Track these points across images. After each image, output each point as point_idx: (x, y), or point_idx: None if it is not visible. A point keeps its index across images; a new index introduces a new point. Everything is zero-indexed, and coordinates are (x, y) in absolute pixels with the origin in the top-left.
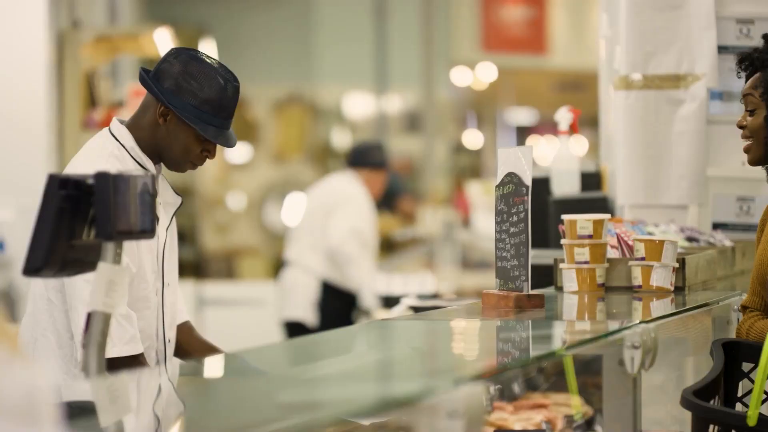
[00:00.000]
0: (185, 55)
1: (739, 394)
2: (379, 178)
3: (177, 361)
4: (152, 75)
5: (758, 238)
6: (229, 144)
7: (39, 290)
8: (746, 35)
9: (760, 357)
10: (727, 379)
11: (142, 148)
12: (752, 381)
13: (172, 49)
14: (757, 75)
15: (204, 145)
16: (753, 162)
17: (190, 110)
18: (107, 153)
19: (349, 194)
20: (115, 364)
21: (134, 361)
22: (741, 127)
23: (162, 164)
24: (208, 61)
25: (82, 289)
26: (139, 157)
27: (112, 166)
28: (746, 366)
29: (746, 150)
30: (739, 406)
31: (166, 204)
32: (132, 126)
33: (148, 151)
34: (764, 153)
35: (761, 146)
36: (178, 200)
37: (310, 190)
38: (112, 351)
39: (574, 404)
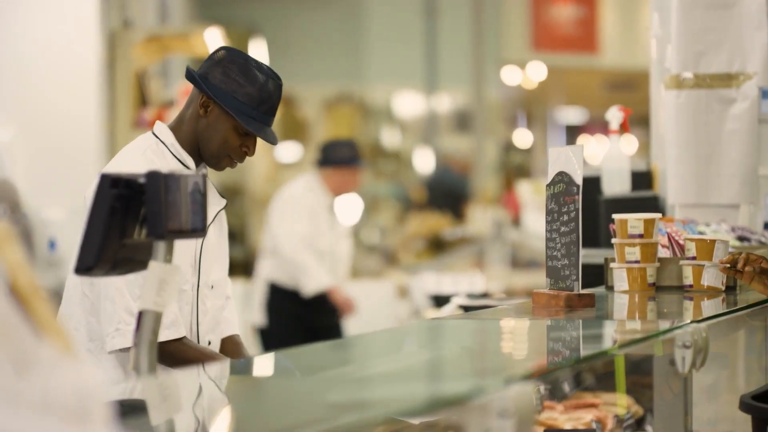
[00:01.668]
0: (229, 53)
1: None
2: (350, 176)
3: (222, 361)
4: (197, 71)
5: None
6: (268, 138)
7: (73, 284)
8: None
9: None
10: None
11: (184, 143)
12: None
13: (219, 47)
14: None
15: (243, 140)
16: None
17: (231, 101)
18: (143, 150)
19: (292, 197)
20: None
21: (179, 346)
22: None
23: (204, 166)
24: (252, 59)
25: (114, 284)
26: (179, 153)
27: (150, 162)
28: None
29: None
30: None
31: (211, 204)
32: (174, 124)
33: (188, 147)
34: None
35: None
36: (223, 202)
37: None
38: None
39: (624, 404)
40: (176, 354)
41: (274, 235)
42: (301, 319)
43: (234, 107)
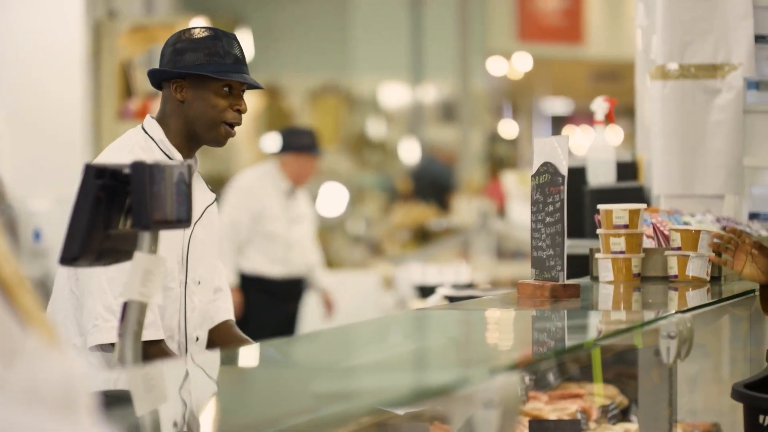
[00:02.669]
0: (174, 35)
1: None
2: (307, 163)
3: (209, 352)
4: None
5: None
6: (249, 81)
7: (62, 280)
8: None
9: None
10: None
11: (174, 138)
12: None
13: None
14: None
15: (229, 99)
16: None
17: (197, 68)
18: (130, 147)
19: (240, 183)
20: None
21: (155, 347)
22: None
23: (196, 158)
24: (194, 27)
25: (97, 280)
26: (168, 149)
27: (136, 157)
28: None
29: None
30: None
31: (198, 199)
32: (160, 121)
33: (179, 141)
34: None
35: None
36: (212, 196)
37: None
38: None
39: (609, 394)
40: (152, 357)
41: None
42: (264, 304)
43: (203, 70)
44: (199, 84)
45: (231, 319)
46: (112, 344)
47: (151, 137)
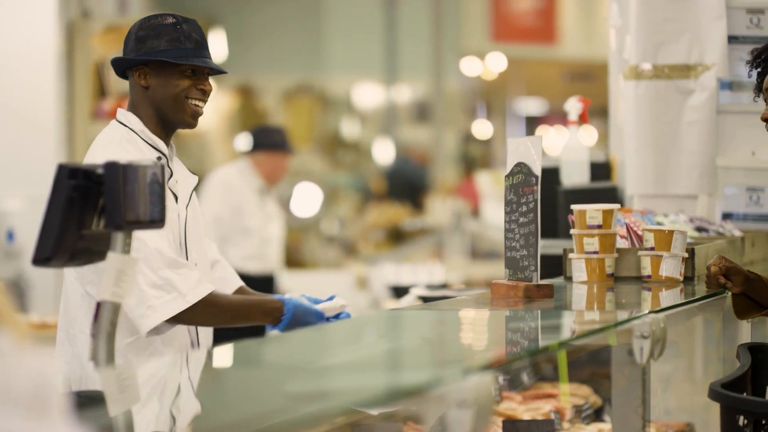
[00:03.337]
0: (135, 24)
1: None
2: (279, 161)
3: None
4: (122, 53)
5: None
6: (211, 65)
7: (73, 286)
8: (756, 25)
9: None
10: (755, 383)
11: (149, 125)
12: None
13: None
14: None
15: (192, 80)
16: None
17: (158, 54)
18: (118, 139)
19: (213, 180)
20: (195, 311)
21: (213, 298)
22: (765, 119)
23: (173, 145)
24: (156, 14)
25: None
26: (150, 138)
27: (126, 152)
28: None
29: None
30: None
31: (184, 182)
32: (133, 111)
33: (155, 126)
34: None
35: None
36: (195, 179)
37: None
38: (186, 299)
39: (583, 393)
40: (214, 305)
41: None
42: None
43: (164, 56)
44: (161, 69)
45: (242, 284)
46: (169, 321)
47: (131, 129)
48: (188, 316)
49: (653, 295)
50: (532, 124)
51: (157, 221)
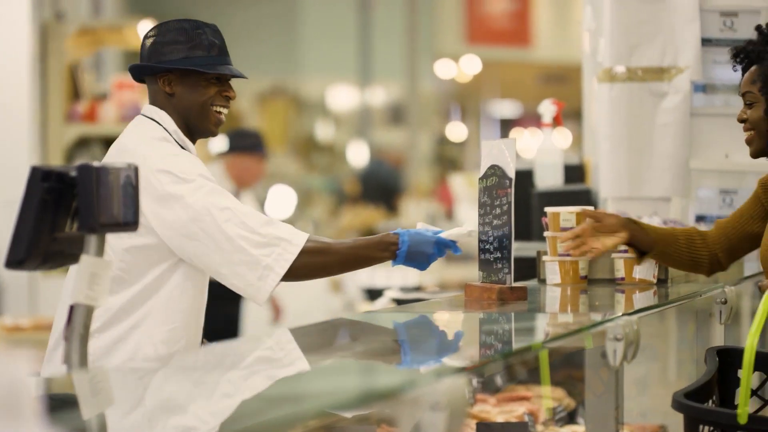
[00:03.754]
0: (157, 29)
1: (736, 401)
2: (253, 164)
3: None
4: (141, 60)
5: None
6: (236, 74)
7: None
8: (730, 28)
9: (743, 356)
10: (723, 387)
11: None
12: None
13: (145, 34)
14: (754, 69)
15: (218, 87)
16: (755, 154)
17: (185, 62)
18: (159, 136)
19: None
20: (305, 259)
21: (318, 251)
22: (741, 121)
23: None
24: (178, 20)
25: (228, 240)
26: (182, 140)
27: (174, 153)
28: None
29: (748, 142)
30: None
31: None
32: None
33: (182, 131)
34: (766, 145)
35: (762, 138)
36: None
37: None
38: (294, 242)
39: (556, 396)
40: (323, 251)
41: None
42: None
43: (191, 64)
44: (186, 76)
45: None
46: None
47: (165, 128)
48: (300, 269)
49: (627, 297)
50: (506, 126)
51: (130, 223)
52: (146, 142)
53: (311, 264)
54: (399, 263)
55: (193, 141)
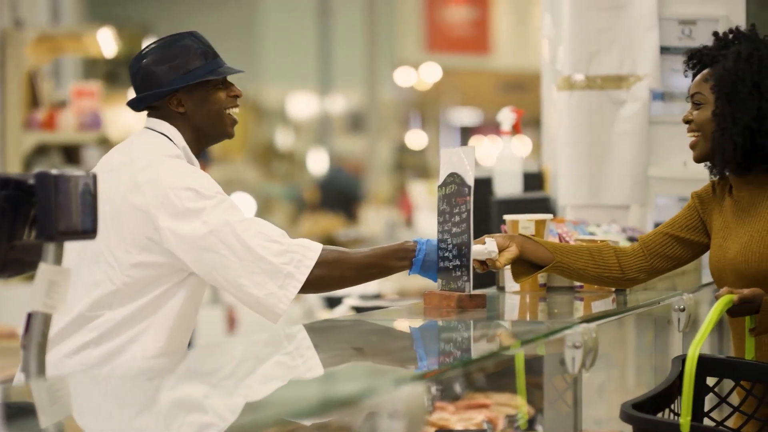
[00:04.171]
0: (139, 57)
1: (706, 408)
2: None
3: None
4: (138, 92)
5: (696, 225)
6: (237, 71)
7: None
8: (688, 36)
9: (685, 366)
10: (695, 394)
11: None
12: (718, 396)
13: (133, 60)
14: (707, 70)
15: (226, 91)
16: (698, 158)
17: (189, 77)
18: (175, 154)
19: None
20: (323, 270)
21: (336, 261)
22: (687, 122)
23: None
24: (162, 39)
25: (244, 252)
26: (190, 158)
27: (197, 170)
28: (711, 381)
29: (692, 146)
30: (707, 421)
31: None
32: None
33: (191, 145)
34: (710, 148)
35: (707, 142)
36: None
37: None
38: (313, 249)
39: (515, 404)
40: (340, 261)
41: None
42: None
43: (196, 76)
44: (194, 90)
45: None
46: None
47: (175, 144)
48: (319, 280)
49: (585, 304)
50: (466, 134)
51: (89, 232)
52: (160, 160)
53: (329, 275)
54: (415, 272)
55: (203, 150)
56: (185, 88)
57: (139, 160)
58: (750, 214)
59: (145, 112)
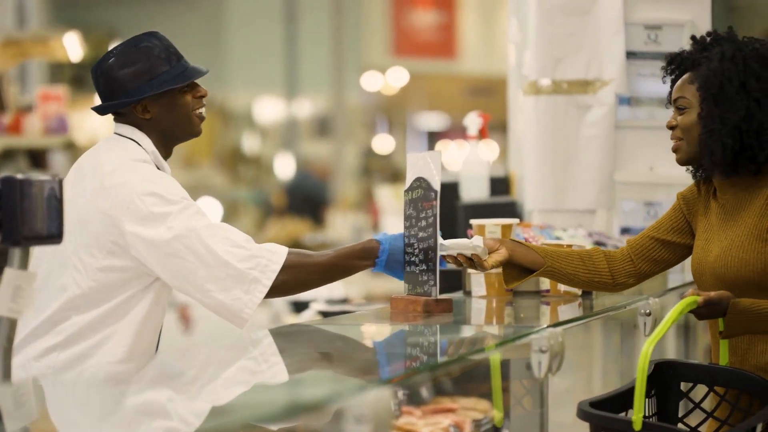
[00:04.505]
0: (103, 61)
1: (680, 414)
2: None
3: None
4: (102, 96)
5: (678, 226)
6: (202, 71)
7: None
8: (654, 41)
9: (638, 364)
10: (668, 400)
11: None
12: (692, 401)
13: (97, 63)
14: (689, 74)
15: (192, 92)
16: (682, 161)
17: (156, 85)
18: (141, 159)
19: None
20: (287, 275)
21: (298, 265)
22: (671, 127)
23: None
24: (125, 43)
25: (208, 258)
26: (159, 161)
27: (164, 175)
28: (685, 386)
29: (675, 149)
30: (681, 426)
31: None
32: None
33: (159, 148)
34: (696, 152)
35: (693, 145)
36: None
37: None
38: (279, 253)
39: (481, 408)
40: (303, 265)
41: None
42: None
43: (162, 83)
44: (160, 96)
45: None
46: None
47: (144, 149)
48: (284, 284)
49: (552, 309)
50: (433, 138)
51: (55, 236)
52: (127, 165)
53: (294, 279)
54: (379, 270)
55: (171, 151)
56: (147, 95)
57: (107, 164)
58: (733, 218)
59: (112, 116)
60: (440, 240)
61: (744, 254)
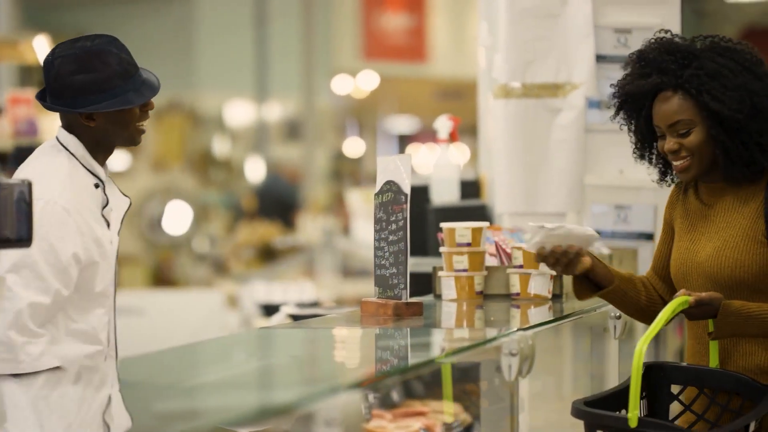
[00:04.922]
0: (59, 59)
1: (671, 416)
2: None
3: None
4: (50, 95)
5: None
6: (155, 89)
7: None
8: (624, 44)
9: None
10: (659, 401)
11: (89, 152)
12: (682, 403)
13: (45, 59)
14: (679, 95)
15: (141, 107)
16: (694, 178)
17: (110, 101)
18: (66, 172)
19: None
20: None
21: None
22: (674, 151)
23: (107, 167)
24: (78, 45)
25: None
26: (89, 164)
27: (73, 186)
28: (675, 388)
29: (684, 169)
30: None
31: (117, 207)
32: (71, 133)
33: (94, 153)
34: (708, 165)
35: (704, 162)
36: (127, 201)
37: None
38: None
39: (452, 411)
40: None
41: None
42: None
43: (116, 100)
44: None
45: None
46: None
47: (73, 154)
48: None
49: (522, 312)
50: (403, 142)
51: (24, 240)
52: (52, 178)
53: None
54: None
55: (109, 156)
56: (94, 109)
57: (31, 176)
58: (725, 219)
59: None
60: (547, 224)
61: (739, 255)
